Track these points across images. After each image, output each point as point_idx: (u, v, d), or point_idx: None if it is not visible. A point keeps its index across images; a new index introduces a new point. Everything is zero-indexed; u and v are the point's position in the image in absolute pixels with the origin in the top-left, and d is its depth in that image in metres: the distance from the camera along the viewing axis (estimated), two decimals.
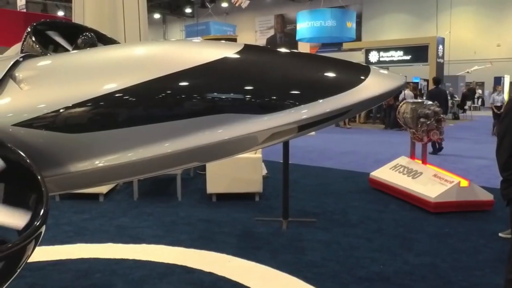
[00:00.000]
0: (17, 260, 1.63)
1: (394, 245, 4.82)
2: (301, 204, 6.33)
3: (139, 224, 5.52)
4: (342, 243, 4.84)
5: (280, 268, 4.19)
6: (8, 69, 2.02)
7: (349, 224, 5.55)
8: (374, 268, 4.23)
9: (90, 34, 2.59)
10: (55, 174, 1.98)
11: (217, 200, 6.53)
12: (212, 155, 2.20)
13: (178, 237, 5.03)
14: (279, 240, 4.96)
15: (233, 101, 1.97)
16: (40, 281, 3.90)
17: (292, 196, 5.71)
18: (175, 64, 1.99)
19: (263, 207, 6.25)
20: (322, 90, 2.00)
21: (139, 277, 4.00)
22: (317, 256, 4.47)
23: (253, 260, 4.38)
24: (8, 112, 1.94)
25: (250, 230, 5.30)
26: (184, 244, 4.80)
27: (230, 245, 4.79)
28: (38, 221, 1.65)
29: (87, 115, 1.95)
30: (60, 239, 4.85)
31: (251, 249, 4.68)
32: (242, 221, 5.61)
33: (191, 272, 4.11)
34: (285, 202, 5.48)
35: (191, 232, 5.24)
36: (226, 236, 5.08)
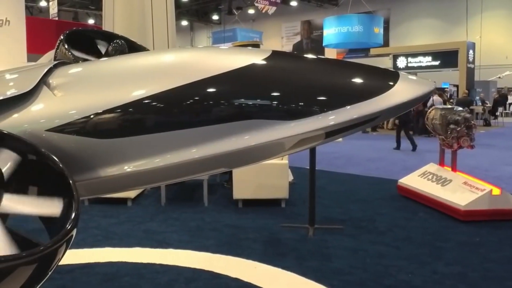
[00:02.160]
0: (48, 262, 1.66)
1: (422, 253, 4.73)
2: (327, 211, 6.28)
3: (166, 229, 5.57)
4: (370, 251, 4.78)
5: (306, 275, 4.16)
6: (42, 76, 2.08)
7: (377, 231, 5.48)
8: (402, 276, 4.15)
9: (120, 42, 2.64)
10: (86, 178, 2.02)
11: (243, 205, 6.54)
12: (239, 161, 2.21)
13: (204, 243, 5.05)
14: (305, 246, 4.93)
15: (260, 107, 1.97)
16: (69, 283, 3.97)
17: (318, 202, 5.67)
18: (203, 71, 2.01)
19: (289, 214, 6.23)
20: (350, 96, 1.98)
21: (166, 281, 4.03)
22: (343, 264, 4.43)
23: (279, 266, 4.37)
24: (42, 118, 1.99)
25: (276, 237, 5.29)
26: (210, 250, 4.81)
27: (256, 251, 4.78)
28: (69, 224, 1.68)
29: (116, 121, 1.98)
30: (89, 243, 4.94)
31: (277, 255, 4.67)
32: (268, 227, 5.60)
33: (218, 277, 4.12)
34: (312, 209, 5.45)
35: (217, 237, 5.26)
36: (252, 242, 5.08)
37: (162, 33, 8.97)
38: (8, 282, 1.56)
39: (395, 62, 22.35)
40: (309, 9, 32.05)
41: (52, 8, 16.67)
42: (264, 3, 23.27)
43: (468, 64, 20.83)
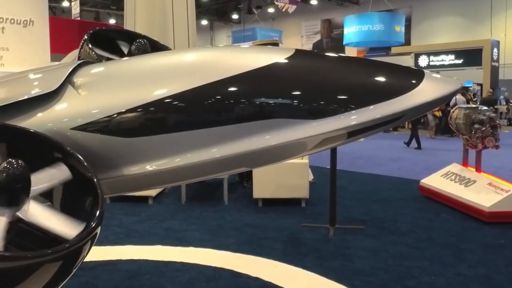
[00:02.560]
0: (73, 259, 1.68)
1: (445, 255, 4.65)
2: (348, 211, 6.23)
3: (187, 227, 5.60)
4: (391, 252, 4.72)
5: (327, 275, 4.13)
6: (67, 75, 2.10)
7: (399, 232, 5.41)
8: (425, 278, 4.09)
9: (143, 41, 2.66)
10: (109, 177, 2.03)
11: (263, 205, 6.53)
12: (260, 161, 2.20)
13: (225, 241, 5.06)
14: (326, 246, 4.89)
15: (282, 106, 1.96)
16: (92, 280, 4.02)
17: (339, 202, 5.63)
18: (225, 70, 2.01)
19: (309, 213, 6.20)
20: (373, 95, 1.95)
21: (187, 279, 4.05)
22: (365, 264, 4.38)
23: (299, 266, 4.35)
24: (66, 117, 2.01)
25: (297, 236, 5.26)
26: (231, 249, 4.82)
27: (276, 251, 4.77)
28: (94, 222, 1.69)
29: (138, 120, 1.99)
30: (111, 240, 5.00)
31: (298, 255, 4.65)
32: (288, 226, 5.58)
33: (238, 276, 4.12)
34: (332, 209, 5.41)
35: (237, 236, 5.26)
36: (273, 242, 5.07)
37: (183, 33, 9.02)
38: (34, 278, 1.58)
39: (416, 61, 22.06)
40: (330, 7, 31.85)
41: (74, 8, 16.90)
42: (284, 1, 23.19)
43: (492, 63, 20.44)
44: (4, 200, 1.59)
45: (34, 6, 11.87)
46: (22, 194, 1.62)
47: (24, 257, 1.53)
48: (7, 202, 1.60)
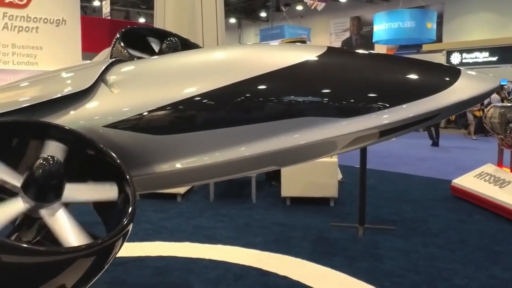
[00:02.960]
0: (106, 255, 1.70)
1: (479, 257, 4.53)
2: (378, 211, 6.15)
3: (215, 225, 5.62)
4: (422, 253, 4.63)
5: (356, 276, 4.08)
6: (100, 74, 2.13)
7: (430, 233, 5.30)
8: (457, 280, 4.00)
9: (174, 39, 2.68)
10: (140, 174, 2.05)
11: (291, 203, 6.51)
12: (289, 160, 2.18)
13: (253, 240, 5.06)
14: (355, 246, 4.84)
15: (313, 104, 1.94)
16: (122, 275, 4.07)
17: (368, 202, 5.55)
18: (256, 68, 2.00)
19: (338, 213, 6.14)
20: (407, 93, 1.91)
21: (215, 277, 4.06)
22: (395, 265, 4.31)
23: (328, 266, 4.31)
24: (99, 114, 2.04)
25: (325, 236, 5.22)
26: (259, 247, 4.81)
27: (304, 250, 4.74)
28: (126, 219, 1.71)
29: (169, 118, 2.00)
30: (140, 236, 5.06)
31: (326, 254, 4.60)
32: (317, 226, 5.54)
33: (266, 275, 4.11)
34: (362, 208, 5.35)
35: (265, 235, 5.25)
36: (301, 241, 5.04)
37: (212, 31, 9.06)
38: (68, 273, 1.61)
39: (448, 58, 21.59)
40: (359, 4, 31.48)
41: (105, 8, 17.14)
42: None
43: None
44: (33, 193, 1.63)
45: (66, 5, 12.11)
46: (51, 192, 1.65)
47: (58, 252, 1.56)
48: (35, 196, 1.63)
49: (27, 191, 1.63)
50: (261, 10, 32.79)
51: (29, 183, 1.63)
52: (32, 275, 1.56)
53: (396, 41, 24.26)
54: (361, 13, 32.97)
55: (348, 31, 34.02)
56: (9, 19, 11.06)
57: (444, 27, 30.98)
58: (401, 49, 28.44)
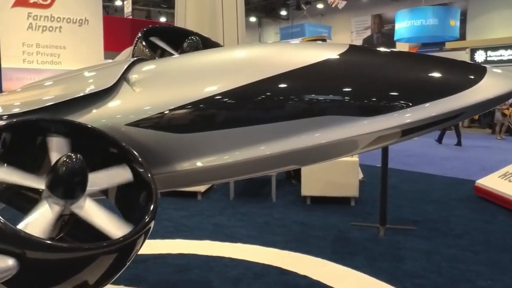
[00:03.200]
0: (128, 253, 1.71)
1: (503, 259, 4.45)
2: (399, 211, 6.08)
3: (235, 223, 5.63)
4: (445, 254, 4.56)
5: (377, 276, 4.05)
6: (122, 72, 2.15)
7: (452, 234, 5.22)
8: (481, 282, 3.93)
9: (195, 38, 2.68)
10: (161, 172, 2.06)
11: (311, 203, 6.48)
12: (310, 159, 2.16)
13: (272, 238, 5.05)
14: (376, 247, 4.79)
15: (334, 103, 1.92)
16: (143, 272, 4.11)
17: (389, 202, 5.49)
18: (277, 67, 1.99)
19: (358, 212, 6.09)
20: (430, 92, 1.88)
21: (235, 275, 4.07)
22: (417, 266, 4.26)
23: (348, 266, 4.28)
24: (122, 113, 2.05)
25: (346, 235, 5.19)
26: (278, 246, 4.81)
27: (324, 249, 4.71)
28: (148, 217, 1.72)
29: (190, 117, 2.01)
30: (161, 234, 5.10)
31: (347, 254, 4.57)
32: (337, 225, 5.50)
33: (286, 274, 4.10)
34: (383, 208, 5.29)
35: (285, 234, 5.24)
36: (321, 240, 5.01)
37: (232, 30, 9.08)
38: (91, 269, 1.63)
39: (472, 56, 21.23)
40: (380, 2, 31.16)
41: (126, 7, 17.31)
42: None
43: None
44: (62, 192, 1.65)
45: (89, 5, 12.28)
46: (78, 188, 1.67)
47: (81, 249, 1.58)
48: (64, 194, 1.65)
49: (54, 191, 1.65)
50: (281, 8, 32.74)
51: (55, 183, 1.65)
52: (56, 271, 1.58)
53: (418, 39, 23.96)
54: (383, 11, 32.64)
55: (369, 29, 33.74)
56: (33, 19, 11.26)
57: (468, 25, 30.47)
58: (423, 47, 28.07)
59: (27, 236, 1.48)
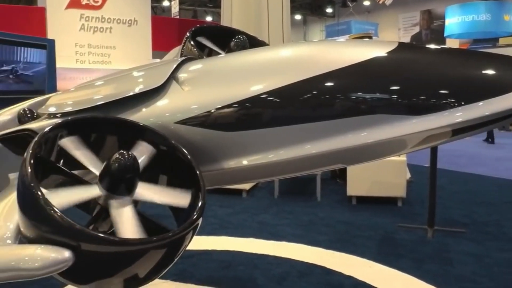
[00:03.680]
0: (176, 248, 1.75)
1: None
2: (448, 213, 5.91)
3: (279, 222, 5.64)
4: (497, 258, 4.40)
5: (424, 279, 3.95)
6: (172, 71, 2.20)
7: (505, 238, 5.02)
8: None
9: (242, 37, 2.70)
10: (208, 170, 2.09)
11: (357, 203, 6.40)
12: (356, 158, 2.13)
13: (317, 238, 5.02)
14: (424, 249, 4.68)
15: (382, 102, 1.89)
16: (190, 268, 4.18)
17: (438, 203, 5.34)
18: (325, 65, 1.97)
19: (406, 213, 5.96)
20: (483, 90, 1.82)
21: (279, 273, 4.08)
22: (467, 270, 4.12)
23: (395, 267, 4.20)
24: (171, 111, 2.10)
25: (392, 236, 5.09)
26: (323, 245, 4.77)
27: (370, 250, 4.65)
28: (196, 213, 1.76)
29: (236, 115, 2.03)
30: (206, 231, 5.18)
31: (393, 255, 4.49)
32: (384, 226, 5.41)
33: (331, 273, 4.07)
34: (431, 209, 5.15)
35: (330, 233, 5.20)
36: (367, 240, 4.95)
37: (277, 28, 9.08)
38: (141, 263, 1.67)
39: None
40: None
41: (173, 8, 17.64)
42: None
43: None
44: (123, 189, 1.71)
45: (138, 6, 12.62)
46: (124, 186, 1.73)
47: (132, 243, 1.62)
48: (126, 190, 1.72)
49: (101, 180, 1.72)
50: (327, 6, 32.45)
51: (104, 173, 1.71)
52: (108, 264, 1.64)
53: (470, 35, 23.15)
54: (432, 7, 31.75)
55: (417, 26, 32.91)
56: (85, 20, 11.69)
57: None
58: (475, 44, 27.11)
59: (82, 229, 1.55)
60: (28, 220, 1.63)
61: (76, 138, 1.90)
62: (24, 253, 1.58)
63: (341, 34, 25.49)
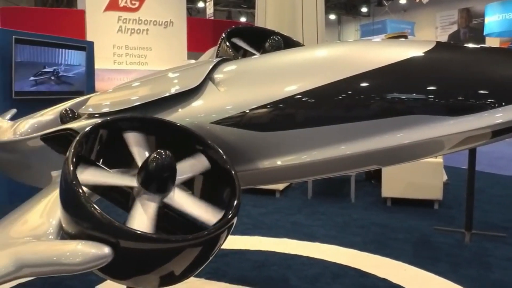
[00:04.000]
0: (212, 246, 1.78)
1: None
2: (487, 216, 5.75)
3: (313, 223, 5.62)
4: None
5: (462, 284, 3.86)
6: (208, 72, 2.23)
7: None
8: None
9: (276, 38, 2.71)
10: (243, 169, 2.11)
11: (392, 204, 6.31)
12: (392, 159, 2.11)
13: (351, 239, 4.98)
14: (461, 253, 4.57)
15: (418, 102, 1.86)
16: (223, 267, 4.22)
17: (476, 206, 5.21)
18: (360, 65, 1.96)
19: (442, 216, 5.83)
20: None
21: (313, 274, 4.07)
22: (507, 276, 4.00)
23: (431, 271, 4.11)
24: (207, 111, 2.13)
25: (428, 239, 4.99)
26: (357, 247, 4.73)
27: (405, 253, 4.57)
28: (231, 213, 1.78)
29: (271, 115, 2.04)
30: (240, 230, 5.21)
31: (429, 259, 4.40)
32: (419, 229, 5.31)
33: (365, 276, 4.03)
34: (469, 212, 5.03)
35: (364, 235, 5.15)
36: (402, 243, 4.87)
37: (312, 28, 9.04)
38: (178, 260, 1.71)
39: None
40: None
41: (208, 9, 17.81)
42: None
43: None
44: (154, 187, 1.74)
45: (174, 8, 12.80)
46: (169, 182, 1.76)
47: (169, 240, 1.66)
48: (157, 189, 1.75)
49: (139, 174, 1.75)
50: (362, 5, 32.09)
51: (141, 168, 1.75)
52: (146, 260, 1.68)
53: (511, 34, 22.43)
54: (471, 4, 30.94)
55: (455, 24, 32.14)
56: (123, 22, 11.95)
57: None
58: None
59: (120, 226, 1.59)
60: (70, 217, 1.69)
61: (140, 135, 1.95)
62: (65, 248, 1.63)
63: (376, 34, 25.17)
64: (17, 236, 1.81)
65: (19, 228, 1.87)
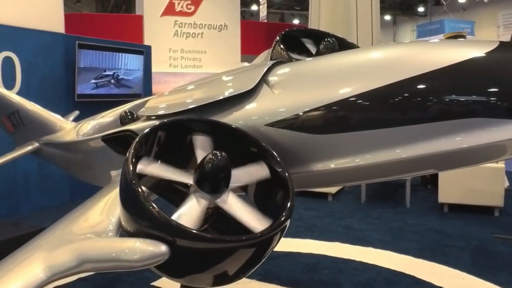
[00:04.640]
0: (265, 248, 1.79)
1: None
2: None
3: (366, 227, 5.52)
4: None
5: None
6: (262, 75, 2.25)
7: None
8: None
9: (331, 40, 2.69)
10: (296, 172, 2.11)
11: (449, 210, 6.10)
12: (449, 164, 2.04)
13: (406, 245, 4.86)
14: None
15: (477, 105, 1.79)
16: (274, 269, 4.23)
17: None
18: (416, 67, 1.91)
19: (504, 224, 5.58)
20: None
21: (365, 280, 4.00)
22: None
23: (491, 281, 3.95)
24: (261, 113, 2.15)
25: (488, 248, 4.79)
26: (412, 253, 4.61)
27: (463, 261, 4.41)
28: (285, 214, 1.79)
29: (326, 118, 2.02)
30: (291, 233, 5.20)
31: (489, 268, 4.22)
32: (478, 236, 5.10)
33: (420, 283, 3.92)
34: None
35: (419, 241, 5.00)
36: (459, 251, 4.69)
37: (366, 29, 8.92)
38: (231, 261, 1.73)
39: None
40: None
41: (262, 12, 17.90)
42: None
43: None
44: (207, 187, 1.77)
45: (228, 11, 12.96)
46: (223, 184, 1.78)
47: (223, 240, 1.68)
48: (210, 189, 1.78)
49: (201, 186, 1.78)
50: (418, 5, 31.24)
51: (202, 179, 1.78)
52: (200, 259, 1.71)
53: None
54: None
55: None
56: (179, 27, 12.23)
57: None
58: None
59: (177, 225, 1.63)
60: (129, 215, 1.75)
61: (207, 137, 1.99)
62: (124, 245, 1.69)
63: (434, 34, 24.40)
64: (79, 233, 1.89)
65: (81, 225, 1.95)
